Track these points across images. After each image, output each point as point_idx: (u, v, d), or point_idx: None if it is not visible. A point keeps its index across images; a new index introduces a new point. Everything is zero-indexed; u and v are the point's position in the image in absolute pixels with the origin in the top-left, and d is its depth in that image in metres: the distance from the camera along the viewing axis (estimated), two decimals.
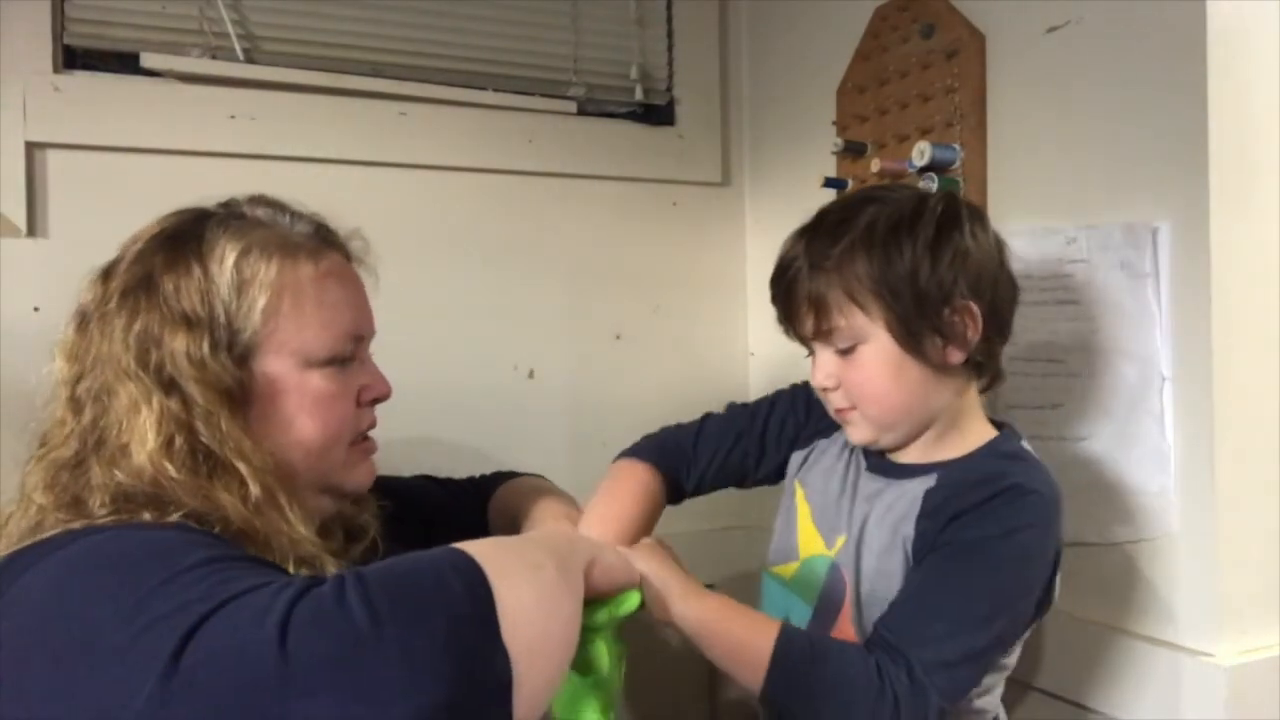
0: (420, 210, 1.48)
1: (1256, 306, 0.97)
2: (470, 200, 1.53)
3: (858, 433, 0.93)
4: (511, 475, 1.18)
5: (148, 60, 1.32)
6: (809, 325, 0.90)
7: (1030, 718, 1.06)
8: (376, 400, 0.90)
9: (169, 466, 0.74)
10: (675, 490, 1.05)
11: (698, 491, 1.07)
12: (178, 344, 0.77)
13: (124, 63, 1.33)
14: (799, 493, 1.02)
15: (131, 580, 0.61)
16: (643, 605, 0.79)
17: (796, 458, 1.05)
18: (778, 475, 1.07)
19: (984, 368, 0.92)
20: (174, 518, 0.71)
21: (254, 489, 0.76)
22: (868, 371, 0.89)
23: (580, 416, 1.60)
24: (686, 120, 1.67)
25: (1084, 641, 1.05)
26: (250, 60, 1.39)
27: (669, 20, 1.67)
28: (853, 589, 0.91)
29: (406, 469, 1.14)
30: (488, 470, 1.20)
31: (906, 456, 0.94)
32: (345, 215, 0.93)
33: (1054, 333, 1.10)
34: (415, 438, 0.96)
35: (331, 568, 0.78)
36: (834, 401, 0.93)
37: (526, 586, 0.62)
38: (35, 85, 1.26)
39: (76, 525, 0.70)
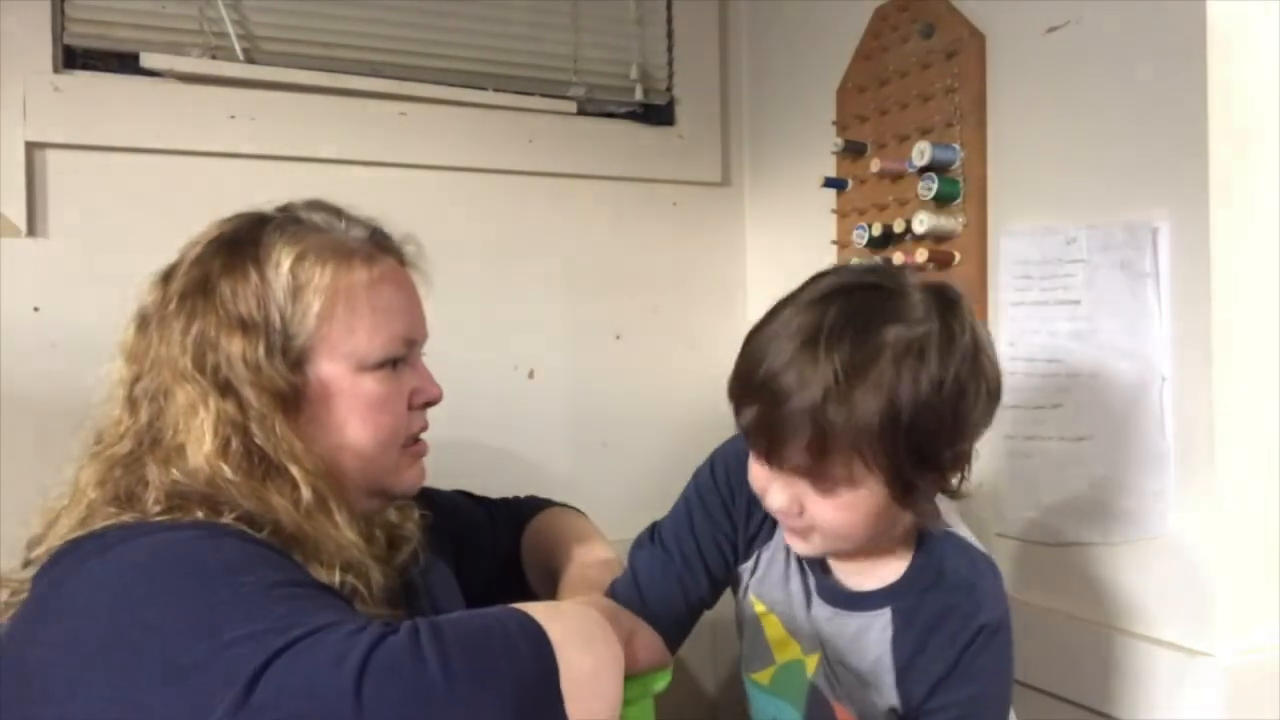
0: (420, 210, 1.46)
1: (1256, 306, 0.97)
2: (470, 200, 1.52)
3: (808, 549, 0.85)
4: (548, 503, 1.18)
5: (148, 60, 1.32)
6: (796, 459, 0.75)
7: (1030, 718, 1.06)
8: (428, 404, 0.91)
9: (225, 468, 0.75)
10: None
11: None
12: (234, 348, 0.78)
13: (124, 63, 1.33)
14: (758, 606, 0.95)
15: (203, 595, 0.62)
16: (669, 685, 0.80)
17: (745, 570, 0.95)
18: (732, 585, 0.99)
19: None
20: (227, 518, 0.72)
21: (305, 492, 0.77)
22: (847, 515, 0.78)
23: (580, 416, 1.60)
24: (686, 120, 1.67)
25: (1084, 641, 1.05)
26: (250, 60, 1.39)
27: (669, 20, 1.67)
28: (838, 701, 0.89)
29: None
30: (488, 471, 1.20)
31: (853, 578, 0.88)
32: None
33: (1054, 333, 1.10)
34: None
35: (376, 574, 0.80)
36: (789, 521, 0.83)
37: (586, 657, 0.63)
38: (35, 85, 1.26)
39: (128, 519, 0.71)
